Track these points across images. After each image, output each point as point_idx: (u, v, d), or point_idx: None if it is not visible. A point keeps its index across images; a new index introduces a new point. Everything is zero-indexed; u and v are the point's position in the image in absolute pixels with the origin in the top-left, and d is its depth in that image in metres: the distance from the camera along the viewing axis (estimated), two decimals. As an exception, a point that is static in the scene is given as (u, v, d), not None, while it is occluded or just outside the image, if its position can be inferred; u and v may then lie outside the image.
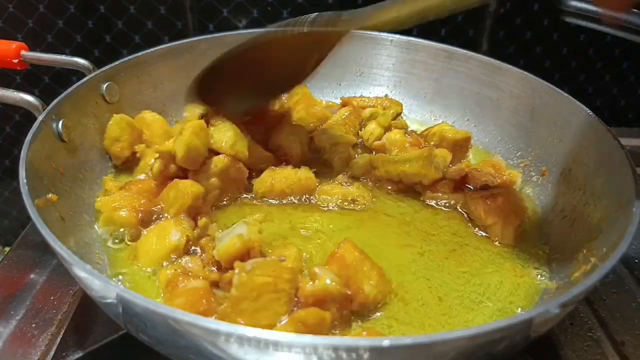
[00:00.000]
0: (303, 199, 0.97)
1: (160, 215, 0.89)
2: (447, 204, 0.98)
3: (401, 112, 1.17)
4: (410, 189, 1.01)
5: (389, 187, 1.02)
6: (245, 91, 1.00)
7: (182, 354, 0.63)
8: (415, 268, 0.85)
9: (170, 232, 0.82)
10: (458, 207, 0.98)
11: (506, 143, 1.12)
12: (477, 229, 0.93)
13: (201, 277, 0.75)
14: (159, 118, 1.05)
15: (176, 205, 0.87)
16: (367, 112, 1.14)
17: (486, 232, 0.92)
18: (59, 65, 1.05)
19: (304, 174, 0.98)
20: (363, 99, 1.19)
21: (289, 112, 1.10)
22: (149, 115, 1.05)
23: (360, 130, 1.13)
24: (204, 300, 0.71)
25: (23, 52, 0.99)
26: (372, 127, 1.11)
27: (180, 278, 0.74)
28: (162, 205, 0.89)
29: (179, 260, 0.81)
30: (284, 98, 1.13)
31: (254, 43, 0.94)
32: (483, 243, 0.91)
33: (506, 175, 0.99)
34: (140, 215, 0.86)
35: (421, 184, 0.98)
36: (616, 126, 0.96)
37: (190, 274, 0.76)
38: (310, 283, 0.71)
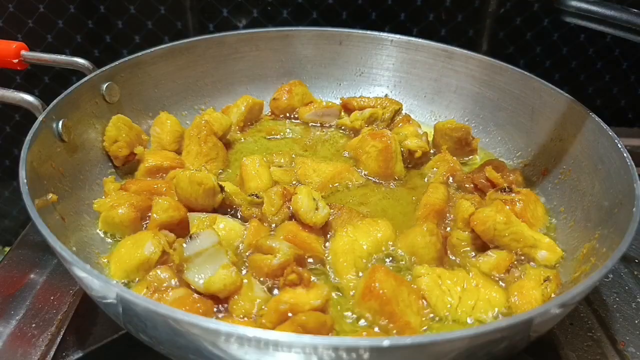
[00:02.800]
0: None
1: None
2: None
3: (400, 109, 1.17)
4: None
5: None
6: None
7: (182, 354, 0.63)
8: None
9: (145, 244, 0.78)
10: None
11: (506, 143, 1.12)
12: None
13: (176, 283, 0.74)
14: (173, 119, 1.06)
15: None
16: (366, 112, 1.14)
17: None
18: (59, 65, 1.05)
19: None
20: (363, 99, 1.19)
21: None
22: (164, 116, 1.06)
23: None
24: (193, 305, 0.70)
25: (23, 52, 0.99)
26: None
27: (157, 295, 0.71)
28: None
29: (149, 275, 0.75)
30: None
31: None
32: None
33: (512, 176, 0.99)
34: (138, 212, 0.86)
35: None
36: (616, 126, 0.95)
37: (163, 288, 0.73)
38: (277, 257, 0.74)
